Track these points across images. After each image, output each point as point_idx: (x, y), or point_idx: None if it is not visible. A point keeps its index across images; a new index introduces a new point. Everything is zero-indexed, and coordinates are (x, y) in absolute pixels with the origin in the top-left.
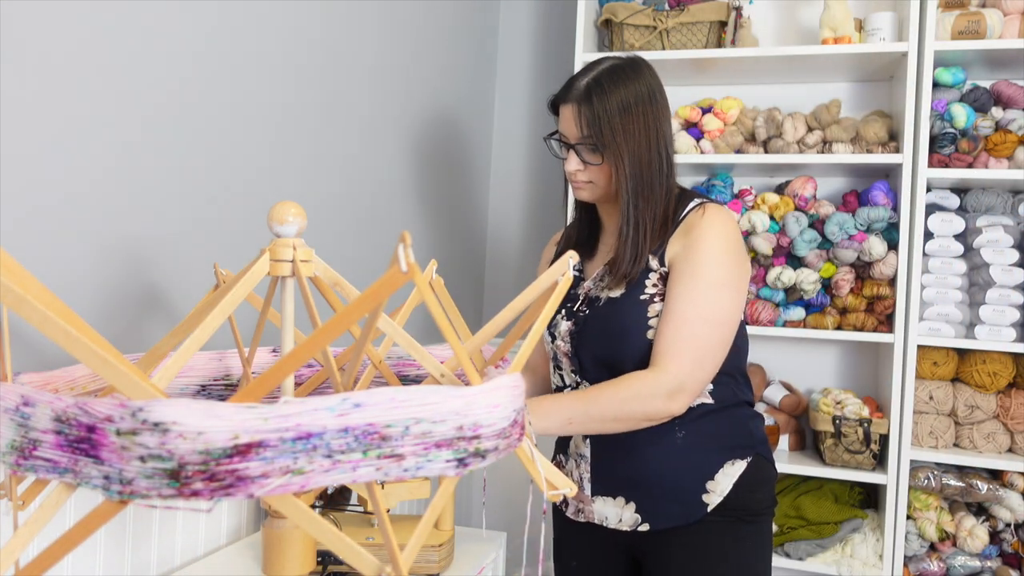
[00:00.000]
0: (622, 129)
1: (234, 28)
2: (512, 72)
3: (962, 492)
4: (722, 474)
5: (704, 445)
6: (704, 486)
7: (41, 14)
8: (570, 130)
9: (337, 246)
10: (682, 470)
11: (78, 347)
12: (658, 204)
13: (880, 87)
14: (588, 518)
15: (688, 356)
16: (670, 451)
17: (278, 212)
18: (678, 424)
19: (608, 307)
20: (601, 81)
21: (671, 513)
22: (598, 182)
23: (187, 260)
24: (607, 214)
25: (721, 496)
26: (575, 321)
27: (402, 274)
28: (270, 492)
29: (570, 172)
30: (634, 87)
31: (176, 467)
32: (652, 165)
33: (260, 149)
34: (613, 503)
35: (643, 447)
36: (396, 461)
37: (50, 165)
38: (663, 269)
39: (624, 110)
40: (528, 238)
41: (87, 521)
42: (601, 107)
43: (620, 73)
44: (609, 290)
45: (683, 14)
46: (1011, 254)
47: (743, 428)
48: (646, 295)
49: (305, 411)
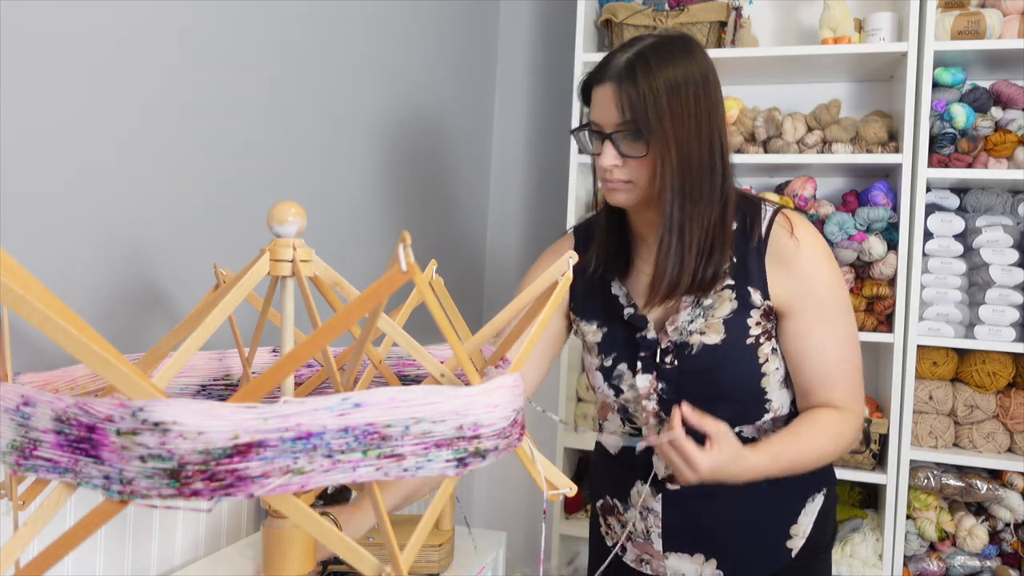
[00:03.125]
0: (669, 113)
1: (234, 28)
2: (512, 72)
3: (962, 492)
4: (804, 515)
5: (785, 489)
6: (788, 531)
7: (42, 14)
8: (607, 115)
9: (337, 246)
10: (766, 518)
11: (78, 347)
12: (708, 209)
13: (880, 87)
14: (658, 572)
15: (862, 395)
16: (752, 499)
17: (278, 212)
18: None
19: (708, 357)
20: (646, 56)
21: (756, 564)
22: (638, 181)
23: (187, 260)
24: (644, 221)
25: (804, 538)
26: (660, 375)
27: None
28: (270, 492)
29: (605, 168)
30: (684, 66)
31: (176, 467)
32: (703, 161)
33: (259, 149)
34: (690, 560)
35: (725, 500)
36: (396, 461)
37: (49, 165)
38: (767, 303)
39: (672, 91)
40: (528, 238)
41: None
42: (646, 85)
43: (668, 48)
44: (701, 333)
45: (683, 14)
46: (1011, 254)
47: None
48: (752, 337)
49: (305, 411)
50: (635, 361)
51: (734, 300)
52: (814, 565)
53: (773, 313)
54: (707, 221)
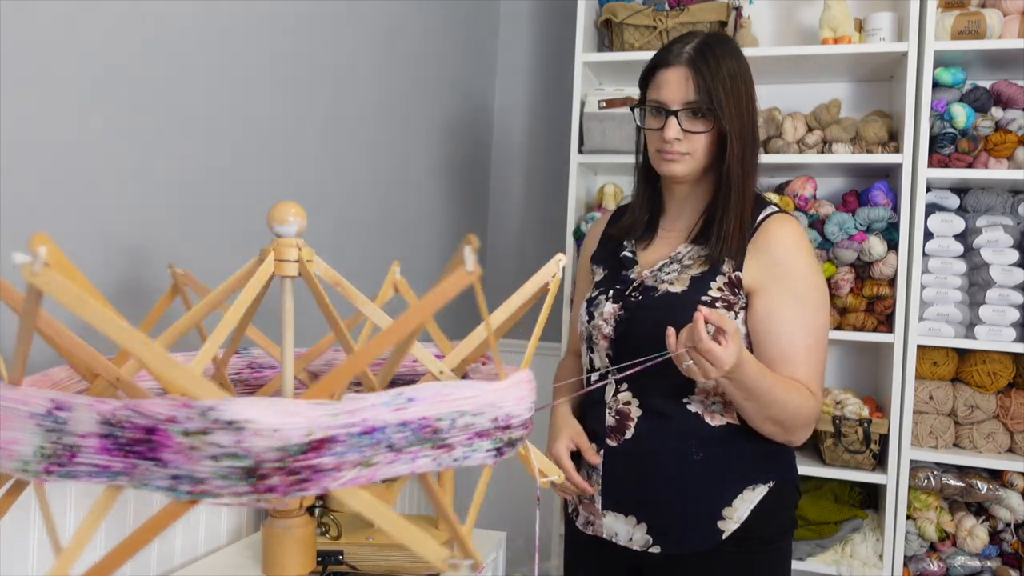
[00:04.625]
0: (733, 95)
1: (234, 29)
2: (512, 72)
3: (962, 492)
4: (740, 500)
5: (723, 469)
6: (720, 512)
7: (44, 15)
8: (676, 93)
9: (336, 246)
10: (698, 494)
11: (140, 347)
12: (754, 185)
13: (880, 87)
14: (597, 532)
15: (822, 387)
16: (686, 473)
17: (278, 212)
18: (696, 444)
19: (665, 300)
20: (711, 46)
21: (684, 538)
22: (695, 153)
23: (187, 260)
24: (676, 195)
25: (738, 523)
26: (623, 305)
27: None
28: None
29: (668, 139)
30: (737, 60)
31: (253, 464)
32: (753, 141)
33: (259, 149)
34: (624, 521)
35: (659, 466)
36: (447, 451)
37: (49, 165)
38: (735, 274)
39: (732, 78)
40: (528, 238)
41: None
42: (716, 70)
43: (726, 43)
44: (670, 283)
45: (683, 14)
46: (1011, 254)
47: (767, 451)
48: (708, 297)
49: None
50: (610, 291)
51: (705, 263)
52: (748, 558)
53: (740, 289)
54: (750, 196)
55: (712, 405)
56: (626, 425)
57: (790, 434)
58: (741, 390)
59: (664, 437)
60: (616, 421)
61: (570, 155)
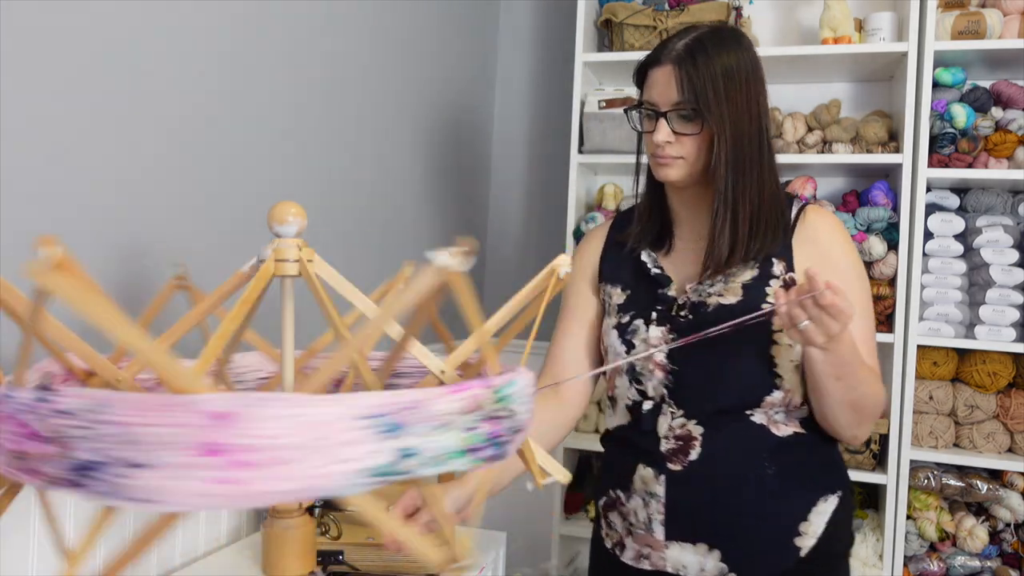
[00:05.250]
0: (725, 96)
1: (233, 28)
2: (512, 72)
3: (962, 492)
4: (815, 513)
5: (796, 481)
6: (797, 528)
7: (41, 13)
8: (664, 94)
9: (336, 246)
10: (775, 511)
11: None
12: (756, 188)
13: (880, 87)
14: (658, 566)
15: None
16: (761, 489)
17: (278, 212)
18: (767, 458)
19: (721, 315)
20: (704, 42)
21: (761, 561)
22: (689, 157)
23: (186, 260)
24: (685, 201)
25: (814, 538)
26: (673, 327)
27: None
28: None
29: (658, 143)
30: (737, 55)
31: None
32: (752, 143)
33: (258, 149)
34: (692, 550)
35: (731, 486)
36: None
37: (48, 165)
38: (790, 275)
39: (728, 76)
40: (528, 238)
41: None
42: (705, 69)
43: (723, 37)
44: (719, 295)
45: (683, 14)
46: (1011, 254)
47: (833, 459)
48: (768, 304)
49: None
50: (651, 314)
51: (755, 268)
52: (826, 573)
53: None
54: (756, 197)
55: (776, 415)
56: (691, 446)
57: (861, 424)
58: (835, 365)
59: (733, 453)
60: (678, 444)
61: (570, 155)
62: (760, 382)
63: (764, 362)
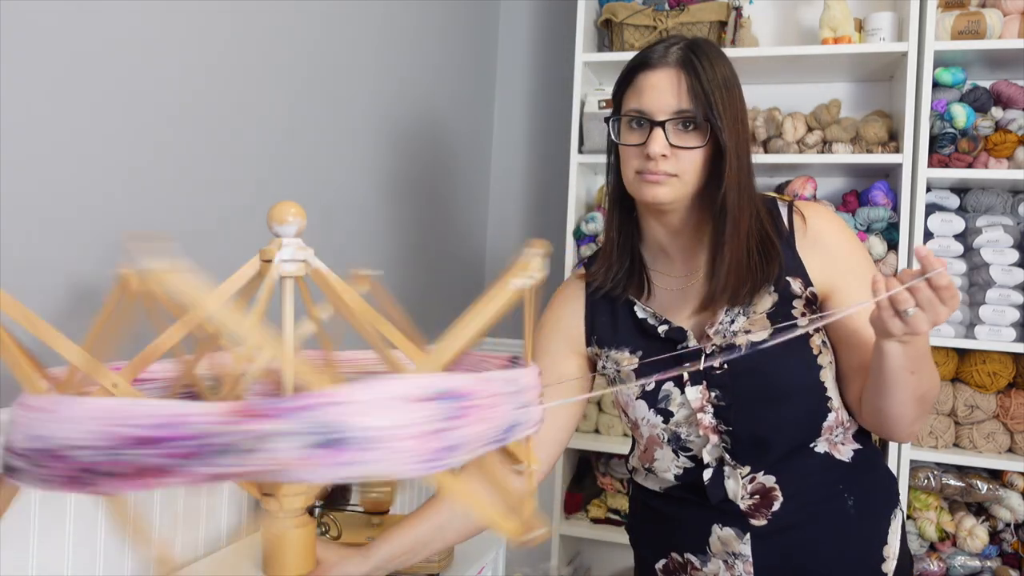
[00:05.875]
0: (729, 106)
1: (232, 29)
2: (512, 72)
3: (962, 492)
4: (891, 533)
5: (871, 504)
6: (882, 553)
7: (41, 13)
8: (663, 101)
9: (336, 246)
10: (861, 542)
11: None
12: (756, 204)
13: (880, 87)
14: None
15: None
16: (843, 525)
17: (278, 212)
18: (844, 489)
19: (760, 354)
20: (703, 48)
21: None
22: (684, 175)
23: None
24: (673, 226)
25: (895, 559)
26: (712, 384)
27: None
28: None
29: (652, 155)
30: (729, 68)
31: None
32: (747, 156)
33: (258, 150)
34: None
35: (818, 528)
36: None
37: (48, 165)
38: (811, 290)
39: (726, 86)
40: (528, 238)
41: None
42: (711, 75)
43: (715, 47)
44: (747, 332)
45: (683, 14)
46: (1011, 254)
47: (888, 472)
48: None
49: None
50: (681, 377)
51: (773, 293)
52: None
53: (816, 302)
54: (757, 216)
55: (836, 437)
56: (772, 498)
57: (921, 417)
58: (913, 359)
59: (811, 492)
60: (757, 500)
61: (570, 155)
62: (816, 413)
63: (816, 392)
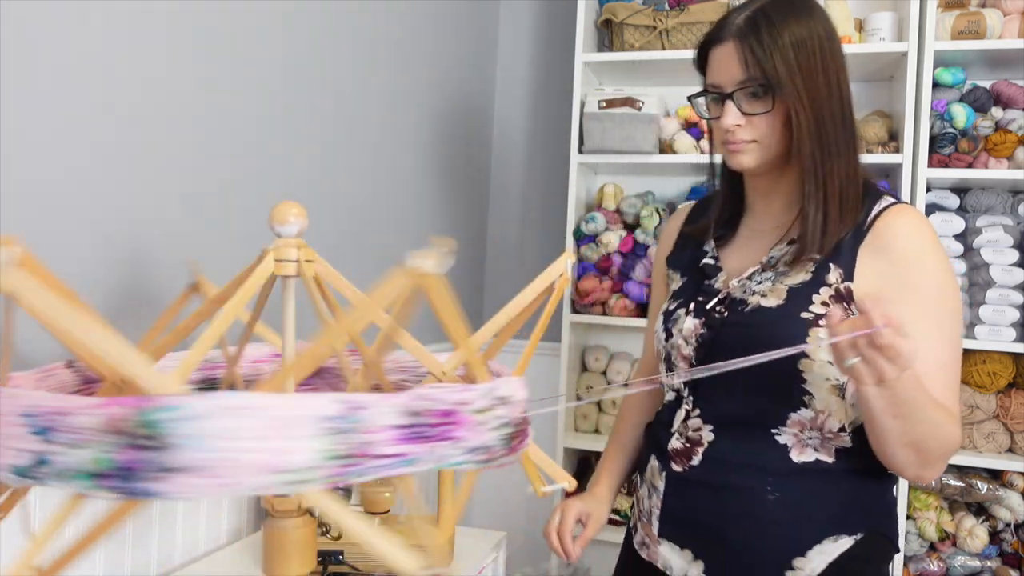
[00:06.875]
0: (798, 66)
1: (233, 26)
2: (512, 72)
3: (962, 492)
4: (817, 551)
5: (802, 513)
6: (790, 562)
7: (45, 15)
8: (727, 73)
9: (337, 246)
10: (768, 538)
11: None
12: (844, 162)
13: (880, 87)
14: (651, 559)
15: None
16: (758, 513)
17: (279, 212)
18: (773, 482)
19: (756, 317)
20: (767, 12)
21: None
22: (763, 139)
23: (184, 260)
24: (759, 188)
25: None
26: (706, 322)
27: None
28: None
29: (727, 128)
30: (807, 23)
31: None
32: (835, 116)
33: (259, 149)
34: (680, 554)
35: (725, 501)
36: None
37: (48, 165)
38: (845, 285)
39: (799, 46)
40: (528, 238)
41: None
42: (771, 40)
43: (791, 4)
44: (762, 295)
45: (683, 14)
46: (1011, 254)
47: (861, 496)
48: (810, 313)
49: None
50: (691, 304)
51: (809, 272)
52: None
53: (851, 303)
54: (844, 174)
55: (809, 438)
56: (694, 451)
57: (926, 466)
58: (894, 404)
59: (737, 469)
60: (683, 445)
61: (570, 155)
62: (784, 397)
63: (790, 375)
